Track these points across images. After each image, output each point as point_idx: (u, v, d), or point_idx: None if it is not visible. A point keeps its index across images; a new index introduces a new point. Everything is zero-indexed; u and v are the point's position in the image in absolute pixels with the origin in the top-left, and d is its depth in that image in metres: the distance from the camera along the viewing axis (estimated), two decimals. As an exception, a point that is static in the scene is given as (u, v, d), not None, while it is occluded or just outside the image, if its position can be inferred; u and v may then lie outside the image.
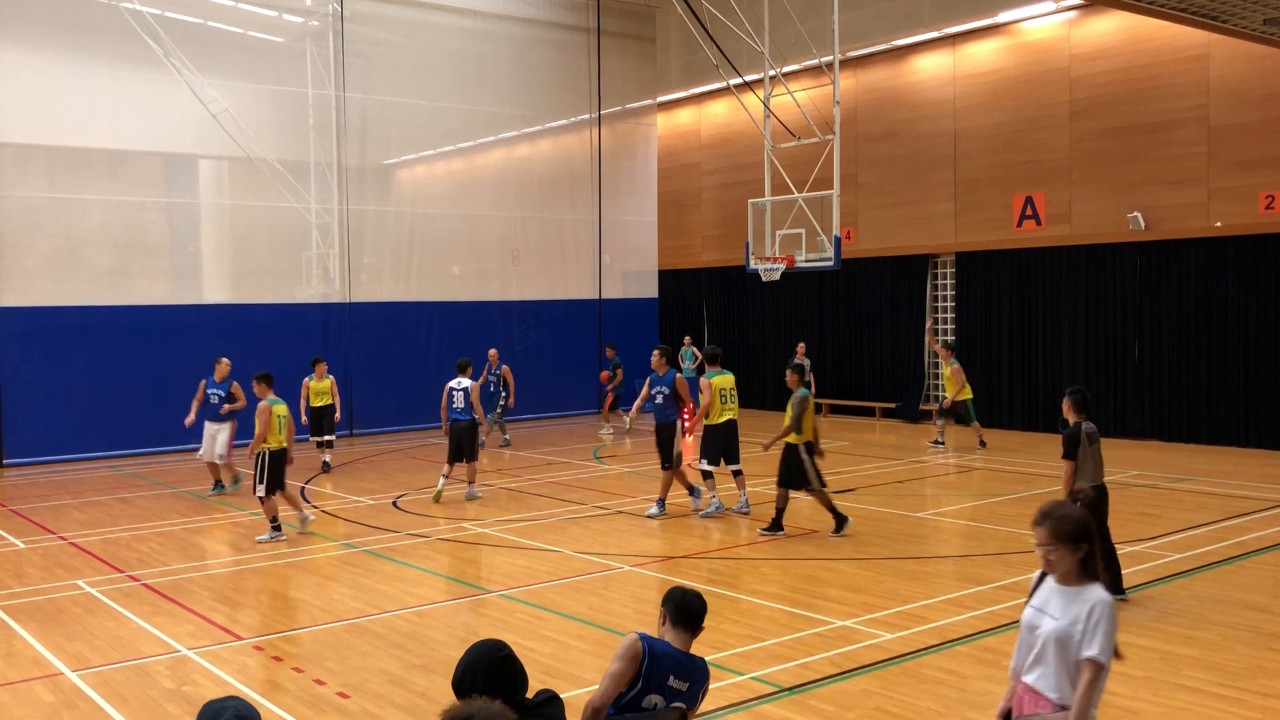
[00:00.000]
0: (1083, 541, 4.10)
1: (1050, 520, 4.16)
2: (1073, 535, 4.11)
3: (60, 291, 19.07)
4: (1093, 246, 20.09)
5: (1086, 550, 4.12)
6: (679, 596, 4.66)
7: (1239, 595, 9.23)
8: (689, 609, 4.62)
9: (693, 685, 4.51)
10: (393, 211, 23.18)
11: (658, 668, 4.41)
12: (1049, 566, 4.20)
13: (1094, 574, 4.14)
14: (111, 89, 19.42)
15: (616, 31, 26.06)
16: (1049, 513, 4.19)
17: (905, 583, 9.87)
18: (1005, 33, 21.49)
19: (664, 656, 4.45)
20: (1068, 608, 4.10)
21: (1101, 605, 4.05)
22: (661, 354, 13.41)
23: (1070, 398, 9.23)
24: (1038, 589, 4.31)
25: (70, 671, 7.74)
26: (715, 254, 27.71)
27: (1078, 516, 4.14)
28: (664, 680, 4.42)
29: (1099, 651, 4.01)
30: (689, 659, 4.55)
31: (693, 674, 4.51)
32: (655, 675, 4.40)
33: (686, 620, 4.60)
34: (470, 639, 8.20)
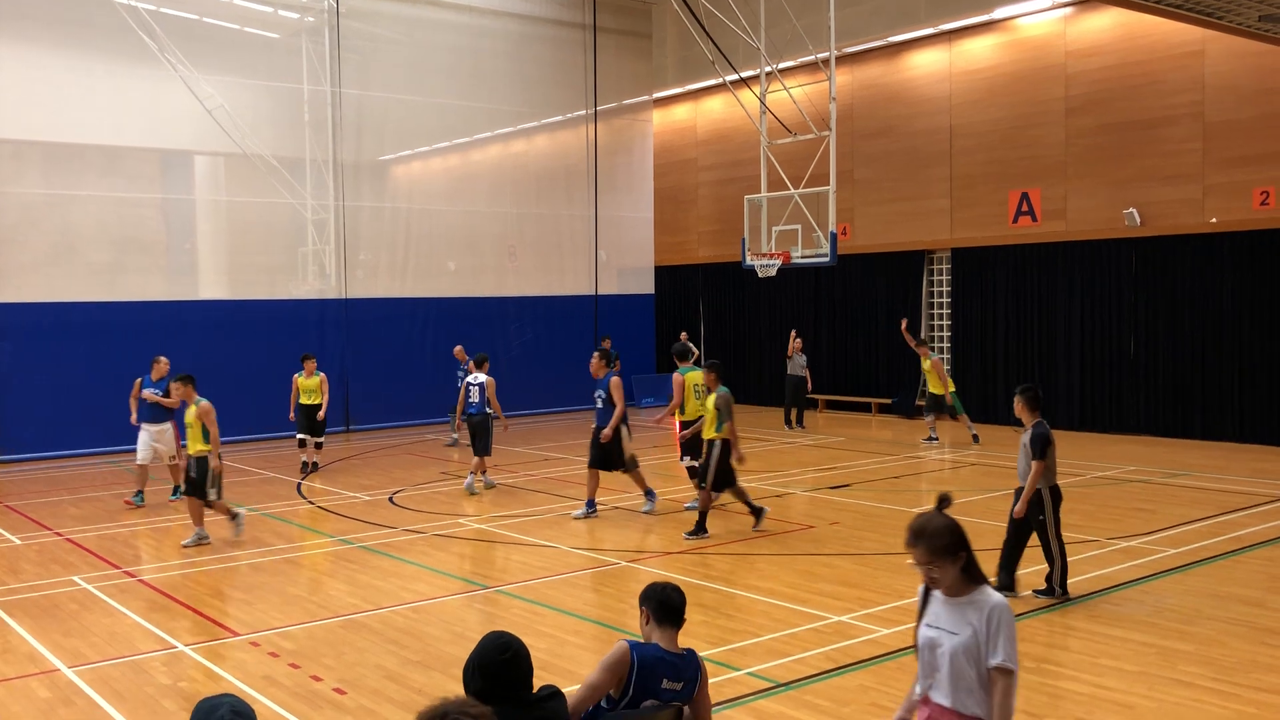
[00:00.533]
0: (960, 550, 3.96)
1: (924, 539, 4.00)
2: (949, 548, 3.96)
3: (56, 287, 19.06)
4: (1088, 243, 20.12)
5: (965, 557, 3.97)
6: (659, 593, 4.56)
7: (1233, 590, 9.26)
8: (670, 605, 4.54)
9: (686, 683, 4.48)
10: (389, 208, 23.17)
11: (649, 675, 4.35)
12: (933, 584, 4.06)
13: (979, 577, 4.01)
14: (107, 85, 19.39)
15: (613, 28, 26.05)
16: (920, 532, 4.02)
17: (901, 578, 9.88)
18: (1001, 29, 21.50)
19: (654, 662, 4.39)
20: (963, 619, 3.97)
21: (997, 610, 3.92)
22: (600, 356, 13.17)
23: (1025, 396, 9.18)
24: (926, 605, 4.15)
25: (66, 668, 7.74)
26: (711, 250, 27.71)
27: (948, 527, 4.00)
28: (657, 685, 4.38)
29: (1005, 657, 3.90)
30: (678, 658, 4.48)
31: (684, 672, 4.47)
32: (647, 682, 4.35)
33: (670, 617, 4.51)
34: (467, 635, 8.23)
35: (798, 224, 18.17)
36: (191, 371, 12.70)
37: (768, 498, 14.00)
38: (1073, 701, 6.74)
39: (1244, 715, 6.50)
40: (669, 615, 4.51)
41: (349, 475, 16.56)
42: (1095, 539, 11.26)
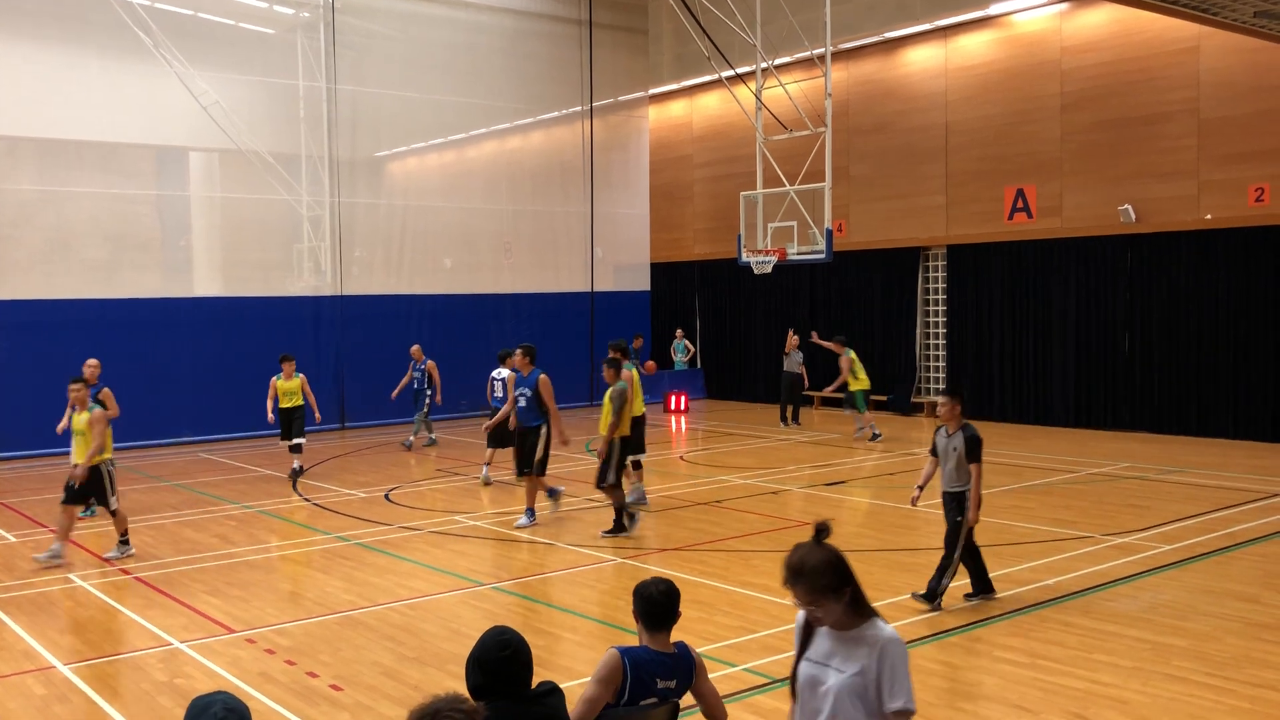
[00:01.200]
0: (843, 586, 3.61)
1: (804, 578, 3.62)
2: (832, 585, 3.60)
3: (51, 284, 19.02)
4: (1083, 239, 20.14)
5: (850, 591, 3.62)
6: (642, 595, 4.49)
7: (1228, 586, 9.28)
8: (653, 607, 4.46)
9: (680, 679, 4.46)
10: (384, 204, 23.14)
11: (643, 677, 4.34)
12: (818, 621, 3.70)
13: (867, 610, 3.65)
14: (102, 81, 19.34)
15: (608, 24, 26.03)
16: (798, 570, 3.64)
17: (896, 574, 9.91)
18: (996, 25, 21.51)
19: (646, 664, 4.37)
20: (851, 656, 3.60)
21: (891, 646, 3.57)
22: (525, 353, 12.45)
23: (956, 399, 8.84)
24: (808, 640, 3.78)
25: (62, 665, 7.74)
26: (707, 247, 27.71)
27: (829, 562, 3.64)
28: (653, 686, 4.38)
29: (906, 700, 3.53)
30: (671, 657, 4.44)
31: (677, 670, 4.44)
32: (642, 685, 4.34)
33: (656, 621, 4.45)
34: (463, 631, 8.24)
35: (793, 220, 18.18)
36: (187, 368, 12.63)
37: (764, 494, 14.04)
38: (1067, 697, 6.76)
39: (1238, 710, 6.52)
40: (655, 619, 4.46)
41: (345, 472, 16.56)
42: (1090, 535, 11.29)
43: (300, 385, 15.93)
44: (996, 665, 7.35)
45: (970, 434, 8.73)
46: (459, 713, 2.86)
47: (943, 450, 8.87)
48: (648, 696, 4.34)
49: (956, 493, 8.80)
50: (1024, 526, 11.76)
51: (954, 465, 8.78)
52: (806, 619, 3.76)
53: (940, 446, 8.90)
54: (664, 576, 4.60)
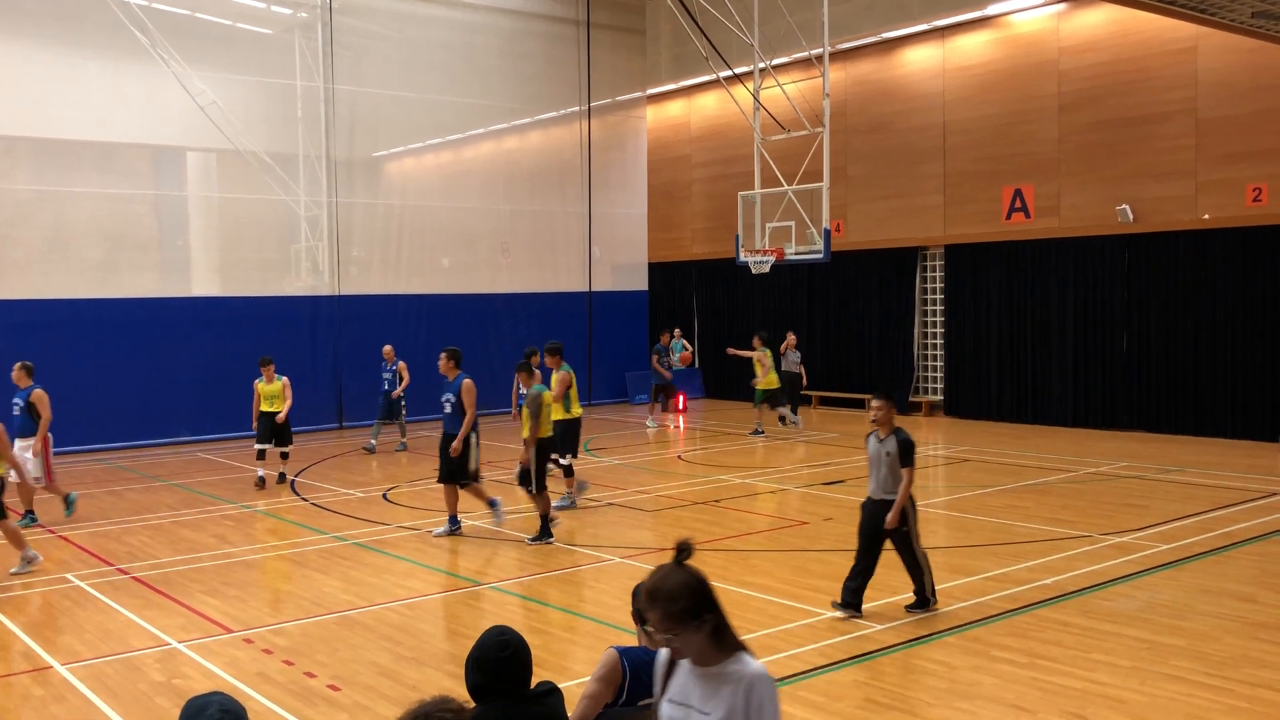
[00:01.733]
0: (704, 612, 3.25)
1: (659, 603, 3.30)
2: (691, 611, 3.24)
3: (49, 284, 19.00)
4: (1081, 239, 20.15)
5: (713, 620, 3.26)
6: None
7: (1225, 585, 9.29)
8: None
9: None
10: (382, 204, 23.13)
11: (641, 678, 4.29)
12: (676, 654, 3.37)
13: (732, 643, 3.32)
14: (99, 81, 19.32)
15: (606, 24, 26.03)
16: (654, 593, 3.33)
17: (893, 573, 9.88)
18: (994, 25, 21.53)
19: (644, 665, 4.27)
20: (716, 695, 3.26)
21: (758, 684, 3.23)
22: (449, 356, 11.90)
23: (890, 403, 8.54)
24: (670, 676, 3.45)
25: (60, 665, 7.73)
26: (705, 246, 27.71)
27: (688, 585, 3.31)
28: (651, 686, 4.18)
29: None
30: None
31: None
32: (639, 686, 4.30)
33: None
34: (461, 631, 8.24)
35: (791, 220, 18.18)
36: (185, 369, 12.59)
37: (763, 494, 14.03)
38: (1065, 696, 6.76)
39: (1236, 710, 6.53)
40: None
41: (342, 472, 16.54)
42: (1088, 534, 11.30)
43: (282, 388, 15.21)
44: (994, 665, 7.35)
45: (904, 438, 8.38)
46: (448, 712, 2.87)
47: (874, 455, 8.47)
48: (646, 696, 4.27)
49: (890, 501, 8.39)
50: (1022, 526, 11.77)
51: (886, 471, 8.40)
52: (667, 654, 3.42)
53: (872, 451, 8.50)
54: None
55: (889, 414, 8.46)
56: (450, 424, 11.83)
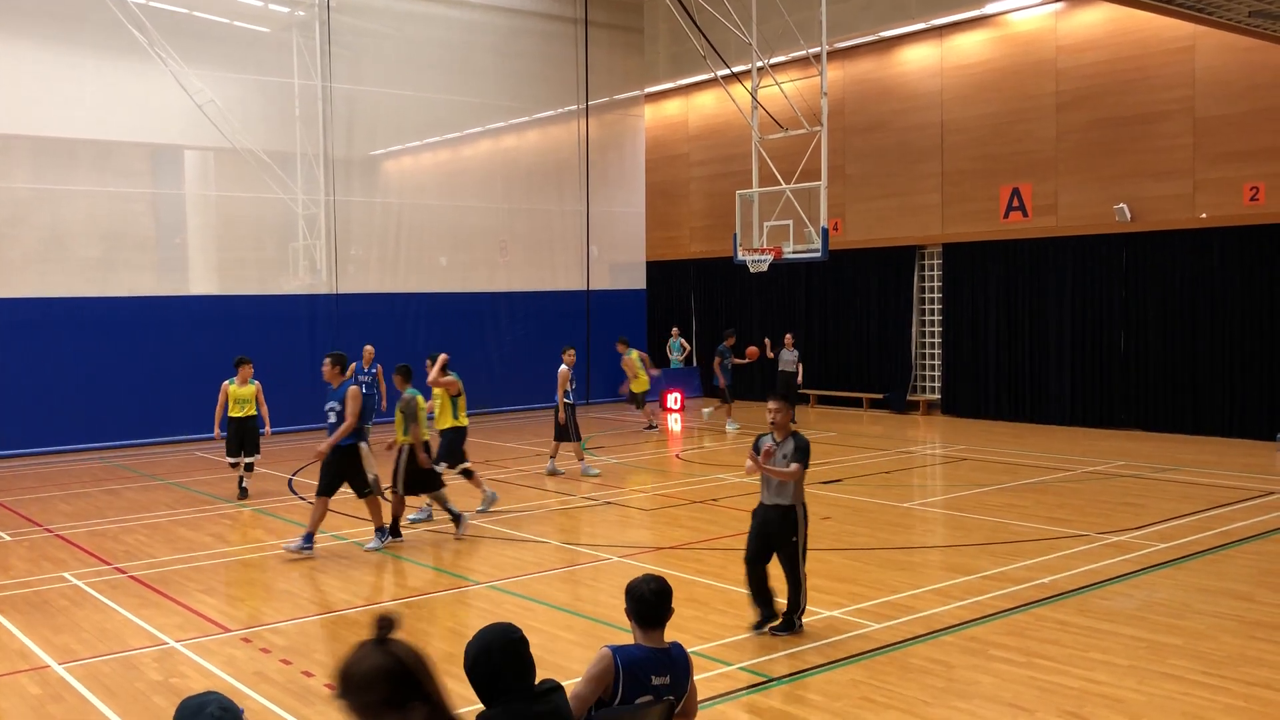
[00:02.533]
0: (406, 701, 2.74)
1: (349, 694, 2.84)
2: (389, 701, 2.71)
3: (46, 283, 18.98)
4: (1079, 238, 20.16)
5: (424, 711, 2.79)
6: (634, 594, 4.50)
7: (1223, 584, 9.29)
8: (646, 607, 4.48)
9: (675, 675, 4.46)
10: (379, 203, 23.12)
11: (635, 675, 4.35)
12: None
13: None
14: (97, 79, 19.30)
15: (604, 22, 26.02)
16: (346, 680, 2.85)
17: (892, 573, 9.91)
18: (992, 24, 21.53)
19: (640, 661, 4.38)
20: None
21: None
22: (334, 362, 11.09)
23: (787, 405, 8.21)
24: None
25: (57, 664, 7.72)
26: (703, 245, 27.71)
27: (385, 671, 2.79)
28: (647, 683, 4.39)
29: None
30: (664, 654, 4.46)
31: (673, 666, 4.46)
32: (636, 682, 4.36)
33: (648, 619, 4.48)
34: (459, 630, 8.23)
35: (789, 219, 18.18)
36: (182, 367, 12.57)
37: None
38: (1063, 695, 6.76)
39: (1233, 709, 6.53)
40: (647, 618, 4.48)
41: (340, 471, 16.51)
42: (1085, 533, 11.30)
43: (255, 393, 14.09)
44: (992, 664, 7.36)
45: (802, 442, 8.02)
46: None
47: (773, 460, 8.02)
48: (642, 694, 4.35)
49: (786, 507, 7.99)
50: (1020, 525, 11.77)
51: None
52: None
53: (782, 454, 8.02)
54: (658, 574, 4.58)
55: (786, 416, 8.17)
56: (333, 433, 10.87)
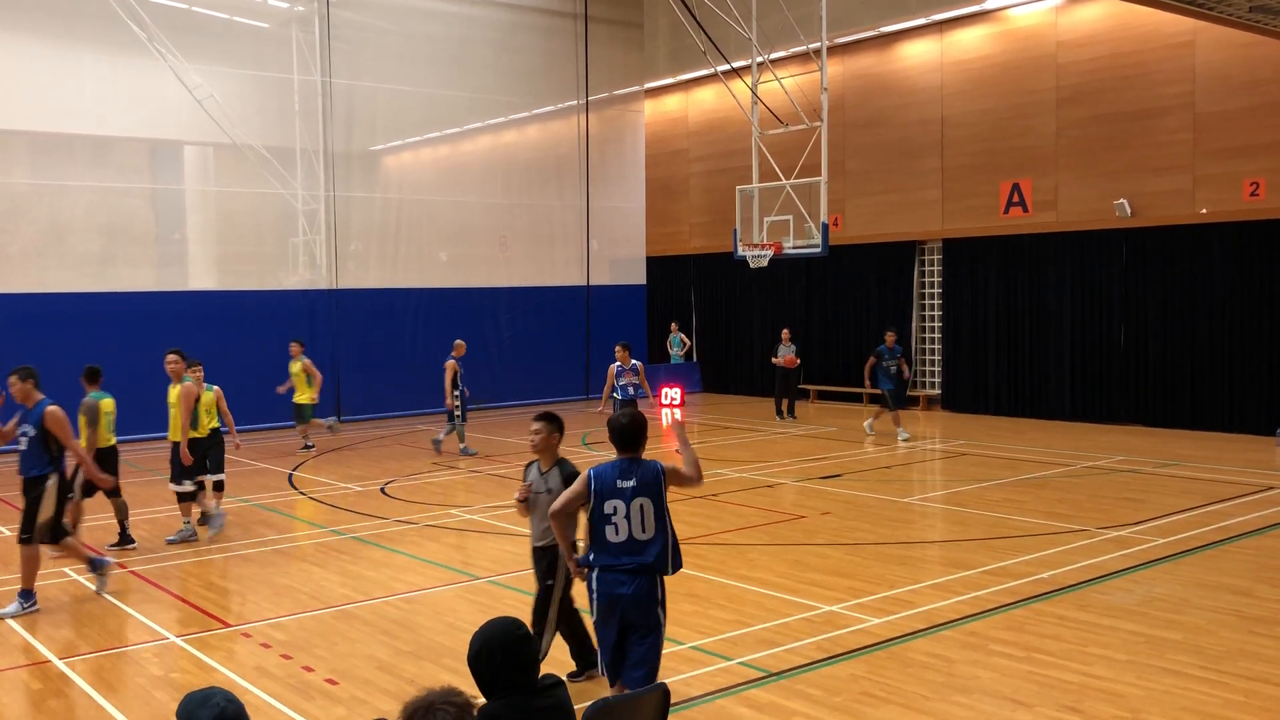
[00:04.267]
0: None
1: None
2: None
3: (45, 278, 18.98)
4: (1079, 233, 20.16)
5: None
6: (611, 426, 5.74)
7: (1222, 579, 9.30)
8: (620, 433, 5.68)
9: (642, 475, 5.56)
10: (379, 198, 23.11)
11: (604, 481, 5.58)
12: None
13: None
14: (95, 74, 19.29)
15: (604, 18, 25.99)
16: None
17: (891, 568, 9.92)
18: (993, 19, 21.51)
19: (606, 470, 5.61)
20: None
21: None
22: (22, 378, 8.99)
23: (552, 426, 6.83)
24: None
25: (58, 659, 7.73)
26: (703, 241, 27.71)
27: None
28: (613, 486, 5.56)
29: None
30: (631, 461, 5.63)
31: (638, 470, 5.58)
32: (604, 487, 5.57)
33: (623, 443, 5.66)
34: (459, 626, 8.24)
35: (789, 214, 18.18)
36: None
37: (760, 488, 14.04)
38: (1062, 690, 6.77)
39: (1231, 703, 6.54)
40: (622, 442, 5.66)
41: (340, 466, 16.54)
42: (1085, 528, 11.31)
43: (215, 400, 12.09)
44: (991, 659, 7.36)
45: (569, 471, 6.71)
46: (452, 706, 2.88)
47: (536, 495, 6.84)
48: (610, 496, 5.54)
49: (547, 548, 6.83)
50: (1019, 520, 11.78)
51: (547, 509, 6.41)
52: None
53: (532, 487, 6.88)
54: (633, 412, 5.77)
55: (550, 440, 6.81)
56: (29, 463, 9.02)
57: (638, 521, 5.50)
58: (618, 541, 5.51)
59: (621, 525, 5.50)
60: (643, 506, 5.49)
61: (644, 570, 5.51)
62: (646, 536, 5.51)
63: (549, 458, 6.83)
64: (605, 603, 5.57)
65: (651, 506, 5.51)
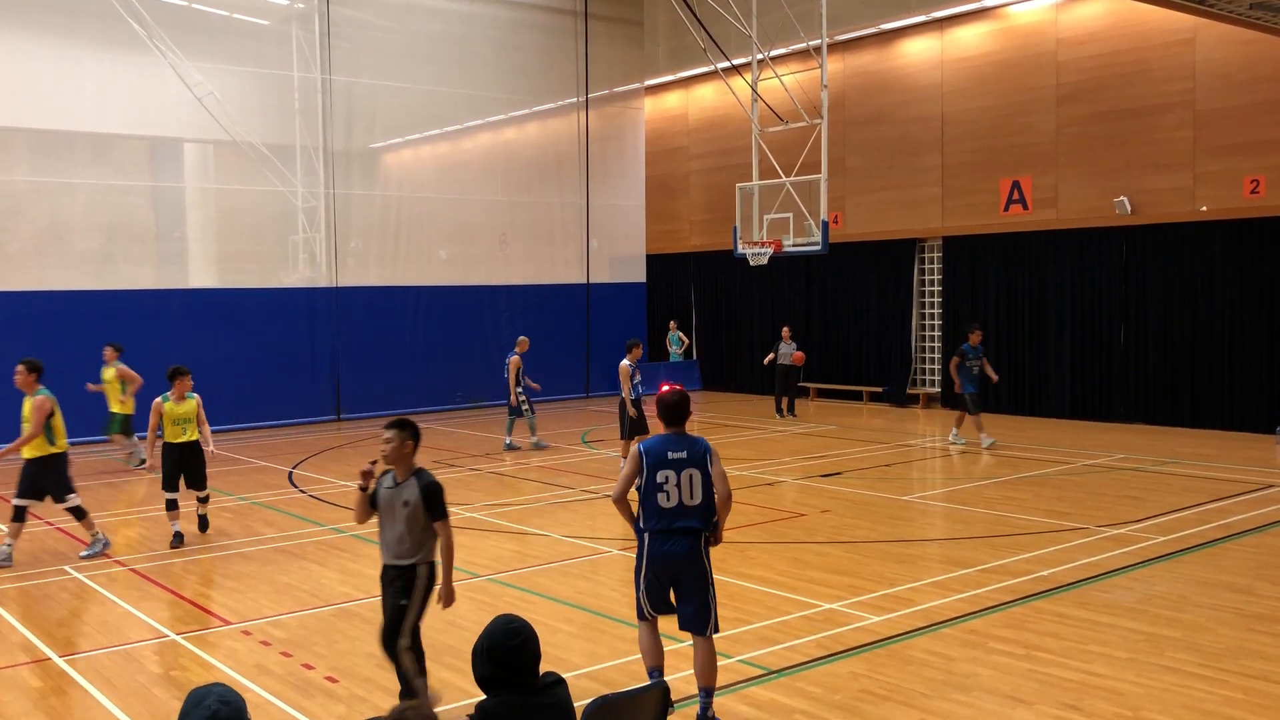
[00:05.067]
0: None
1: None
2: None
3: (45, 276, 18.97)
4: (1079, 231, 20.15)
5: None
6: (660, 403, 6.39)
7: (1222, 577, 9.30)
8: (668, 409, 6.37)
9: (693, 449, 6.22)
10: (379, 196, 23.11)
11: (655, 453, 6.20)
12: None
13: None
14: (95, 72, 19.28)
15: (604, 15, 25.98)
16: None
17: (891, 566, 9.92)
18: (993, 17, 21.49)
19: (658, 443, 6.26)
20: None
21: None
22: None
23: (406, 434, 6.32)
24: None
25: (58, 657, 7.73)
26: (703, 238, 27.70)
27: None
28: (664, 457, 6.19)
29: None
30: (680, 436, 6.28)
31: (690, 444, 6.24)
32: (654, 460, 6.19)
33: (671, 419, 6.36)
34: (459, 623, 8.24)
35: (789, 212, 18.18)
36: (182, 361, 12.41)
37: (760, 485, 14.04)
38: (1061, 688, 6.77)
39: (1231, 701, 6.54)
40: (670, 418, 6.37)
41: (340, 464, 16.54)
42: (1085, 526, 11.31)
43: (195, 410, 11.47)
44: (991, 656, 7.37)
45: (428, 481, 6.34)
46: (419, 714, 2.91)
47: (385, 504, 6.35)
48: (662, 467, 6.17)
49: (405, 567, 6.34)
50: (1019, 518, 11.79)
51: (404, 526, 6.28)
52: None
53: (383, 499, 6.35)
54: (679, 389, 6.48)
55: (403, 449, 6.30)
56: None
57: (687, 489, 6.18)
58: (669, 507, 6.18)
59: (673, 493, 6.17)
60: (692, 476, 6.19)
61: (692, 532, 6.23)
62: (695, 503, 6.20)
63: (404, 468, 6.34)
64: (659, 563, 6.27)
65: (700, 476, 6.21)
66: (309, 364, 21.50)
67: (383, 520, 6.42)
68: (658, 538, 6.23)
